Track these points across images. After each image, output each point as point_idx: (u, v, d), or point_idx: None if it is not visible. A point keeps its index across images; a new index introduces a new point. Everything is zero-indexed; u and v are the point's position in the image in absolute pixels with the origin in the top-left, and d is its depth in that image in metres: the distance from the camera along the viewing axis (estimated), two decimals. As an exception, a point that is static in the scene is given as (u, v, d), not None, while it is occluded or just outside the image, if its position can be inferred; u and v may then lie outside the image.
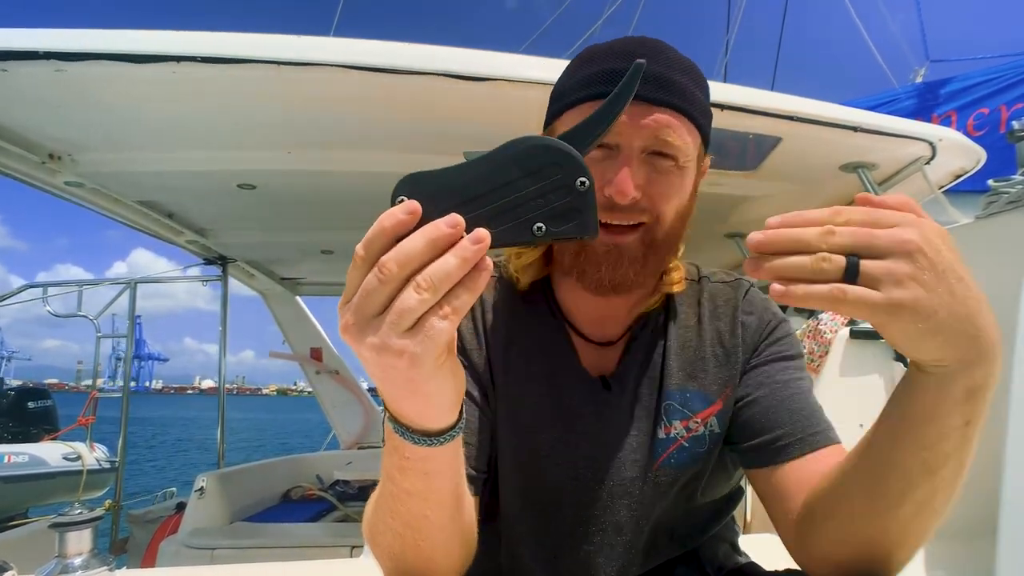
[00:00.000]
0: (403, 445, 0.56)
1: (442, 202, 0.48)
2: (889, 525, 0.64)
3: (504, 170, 0.49)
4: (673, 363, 0.87)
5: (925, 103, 4.96)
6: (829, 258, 0.49)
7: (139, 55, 1.68)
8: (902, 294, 0.49)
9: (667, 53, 0.76)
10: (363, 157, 2.36)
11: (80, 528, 0.84)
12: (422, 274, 0.46)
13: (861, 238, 0.50)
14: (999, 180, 1.79)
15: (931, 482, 0.60)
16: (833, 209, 0.52)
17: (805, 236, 0.50)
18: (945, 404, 0.56)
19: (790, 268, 0.50)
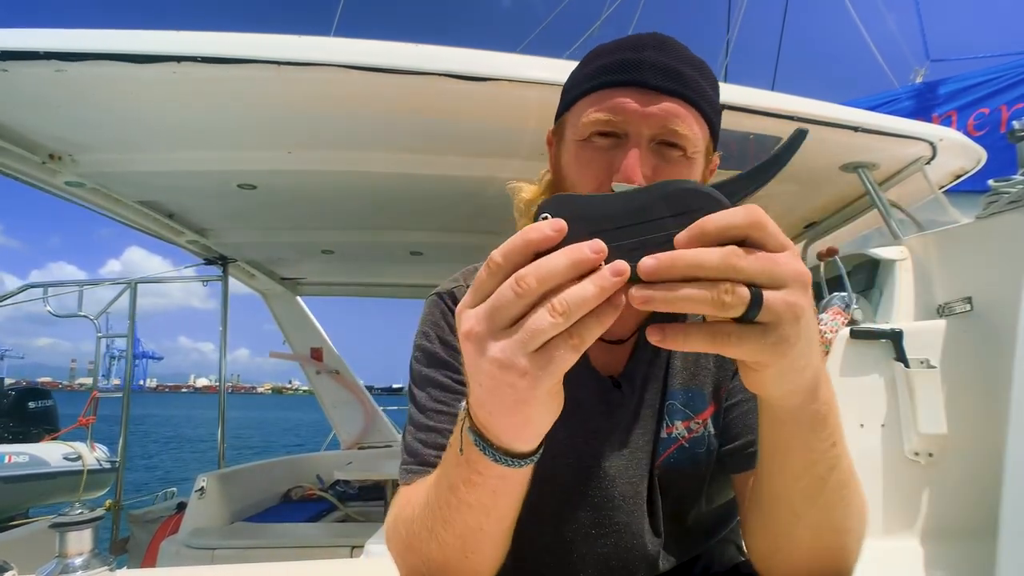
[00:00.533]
0: (480, 460, 0.55)
1: (585, 227, 0.46)
2: (793, 546, 0.66)
3: (652, 207, 0.47)
4: (677, 362, 0.87)
5: (925, 103, 4.95)
6: (733, 289, 0.43)
7: (140, 55, 1.68)
8: (792, 329, 0.45)
9: (677, 48, 0.76)
10: (363, 157, 2.37)
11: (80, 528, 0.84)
12: (559, 297, 0.44)
13: (765, 265, 0.44)
14: (999, 180, 1.79)
15: (815, 505, 0.61)
16: (721, 221, 0.45)
17: (708, 260, 0.43)
18: (801, 433, 0.57)
19: (686, 300, 0.43)
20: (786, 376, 0.50)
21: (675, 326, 0.45)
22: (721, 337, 0.45)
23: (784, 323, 0.45)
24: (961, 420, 1.70)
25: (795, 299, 0.45)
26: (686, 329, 0.45)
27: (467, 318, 0.47)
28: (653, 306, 0.44)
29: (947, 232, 1.98)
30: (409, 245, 3.64)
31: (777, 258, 0.45)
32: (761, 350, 0.45)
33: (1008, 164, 1.91)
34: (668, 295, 0.43)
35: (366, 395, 5.15)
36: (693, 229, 0.44)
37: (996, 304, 1.72)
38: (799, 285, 0.45)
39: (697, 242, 0.44)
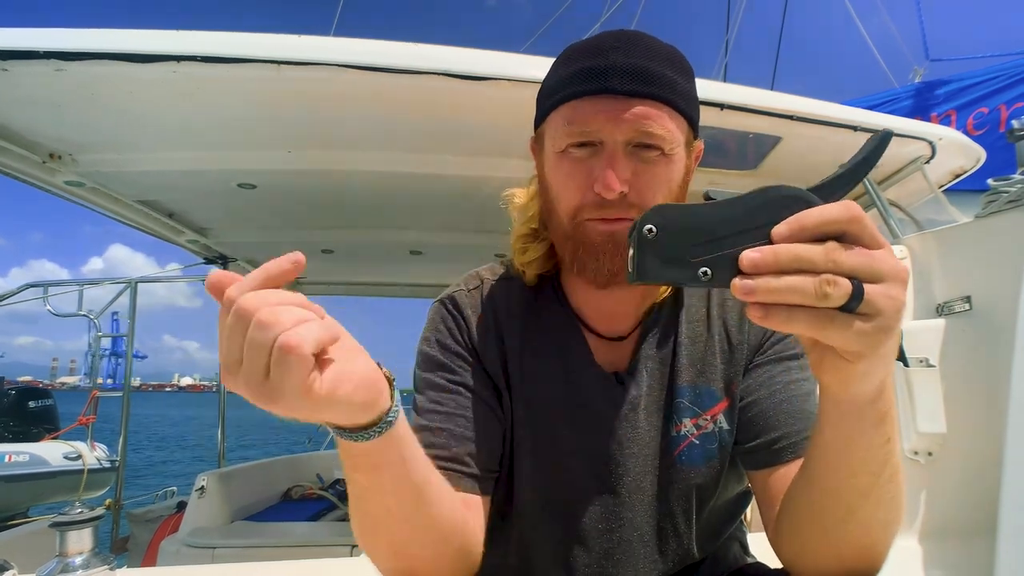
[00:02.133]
0: (343, 443, 0.58)
1: (692, 236, 0.48)
2: (842, 542, 0.67)
3: (752, 214, 0.48)
4: (683, 359, 0.87)
5: (925, 102, 4.95)
6: (835, 281, 0.44)
7: (139, 55, 1.68)
8: (894, 322, 0.47)
9: (644, 44, 0.76)
10: (363, 156, 2.37)
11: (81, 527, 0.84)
12: (256, 315, 0.48)
13: (865, 260, 0.46)
14: (999, 179, 1.79)
15: (868, 501, 0.62)
16: (821, 216, 0.47)
17: (811, 254, 0.45)
18: (865, 430, 0.57)
19: (791, 290, 0.45)
20: (873, 371, 0.51)
21: (779, 307, 0.46)
22: (825, 321, 0.46)
23: (884, 315, 0.46)
24: (960, 419, 1.71)
25: (895, 292, 0.46)
26: (790, 310, 0.45)
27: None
28: (755, 296, 0.45)
29: (946, 231, 1.98)
30: (409, 244, 3.64)
31: (875, 254, 0.47)
32: (859, 340, 0.46)
33: (1007, 163, 1.91)
34: (772, 284, 0.45)
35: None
36: (792, 223, 0.46)
37: (995, 303, 1.72)
38: (898, 280, 0.47)
39: (796, 236, 0.46)
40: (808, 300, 0.45)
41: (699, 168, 0.88)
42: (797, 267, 0.45)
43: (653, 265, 0.49)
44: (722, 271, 0.47)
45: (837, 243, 0.46)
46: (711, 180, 2.37)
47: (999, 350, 1.61)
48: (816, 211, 0.47)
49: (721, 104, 1.90)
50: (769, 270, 0.45)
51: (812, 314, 0.45)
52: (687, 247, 0.48)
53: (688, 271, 0.48)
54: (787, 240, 0.46)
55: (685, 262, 0.48)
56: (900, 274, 0.47)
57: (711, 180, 2.37)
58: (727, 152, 2.17)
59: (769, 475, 0.79)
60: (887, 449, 0.59)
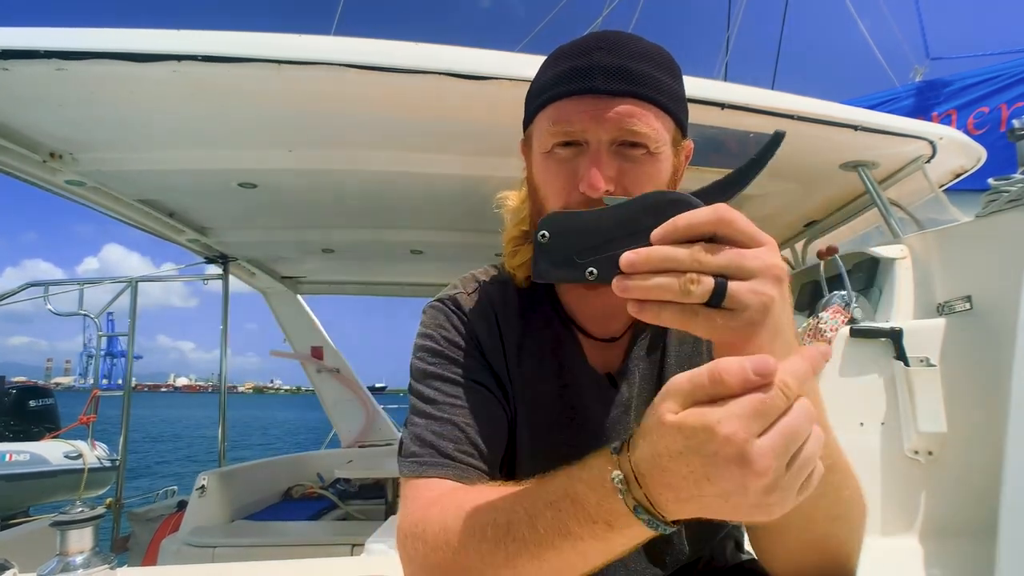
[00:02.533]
0: (628, 522, 0.52)
1: (577, 240, 0.53)
2: (791, 537, 0.68)
3: (638, 217, 0.53)
4: (671, 359, 0.87)
5: (925, 102, 4.95)
6: (697, 280, 0.49)
7: (140, 54, 1.68)
8: (760, 316, 0.50)
9: (628, 44, 0.76)
10: (364, 156, 2.37)
11: (81, 526, 0.84)
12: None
13: (732, 259, 0.50)
14: (999, 179, 1.79)
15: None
16: (690, 220, 0.50)
17: (676, 255, 0.49)
18: None
19: (657, 288, 0.49)
20: None
21: (651, 302, 0.50)
22: (689, 315, 0.50)
23: (750, 310, 0.50)
24: (961, 418, 1.71)
25: (762, 289, 0.50)
26: (660, 305, 0.50)
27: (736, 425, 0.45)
28: (629, 293, 0.50)
29: (947, 231, 1.98)
30: (409, 244, 3.64)
31: (745, 252, 0.50)
32: (725, 332, 0.50)
33: (1008, 163, 1.91)
34: (642, 284, 0.50)
35: (366, 394, 5.15)
36: (666, 226, 0.51)
37: (996, 302, 1.72)
38: (769, 277, 0.50)
39: (670, 239, 0.50)
40: (675, 296, 0.49)
41: (700, 167, 0.88)
42: (667, 267, 0.49)
43: (546, 266, 0.54)
44: (605, 270, 0.52)
45: (706, 244, 0.50)
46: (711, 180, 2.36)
47: (999, 350, 1.61)
48: (686, 215, 0.50)
49: (722, 103, 1.90)
50: (643, 269, 0.50)
51: (679, 309, 0.50)
52: (576, 250, 0.53)
53: (576, 271, 0.53)
54: (662, 242, 0.50)
55: (572, 263, 0.53)
56: (771, 270, 0.50)
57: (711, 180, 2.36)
58: (728, 151, 2.17)
59: None
60: None
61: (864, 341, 1.83)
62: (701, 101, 1.89)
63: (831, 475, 0.62)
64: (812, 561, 0.69)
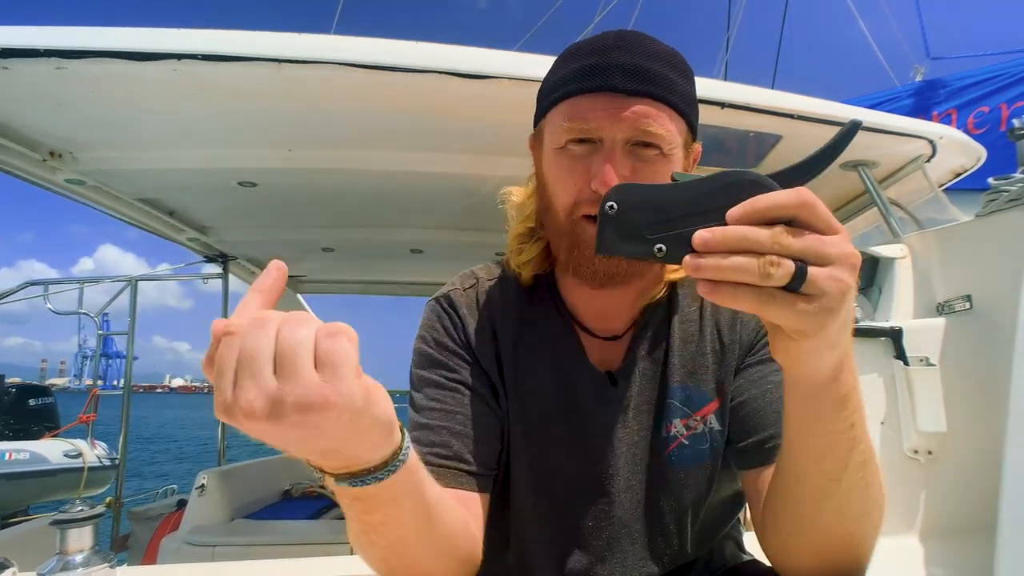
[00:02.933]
0: (359, 492, 0.53)
1: (652, 215, 0.51)
2: (817, 531, 0.67)
3: (712, 196, 0.51)
4: (675, 359, 0.87)
5: (925, 101, 4.94)
6: (778, 262, 0.47)
7: (140, 53, 1.68)
8: (837, 304, 0.48)
9: (645, 44, 0.76)
10: (364, 155, 2.36)
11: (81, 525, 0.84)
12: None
13: (812, 244, 0.48)
14: (999, 178, 1.79)
15: (839, 488, 0.63)
16: (772, 200, 0.49)
17: (758, 236, 0.47)
18: (823, 412, 0.58)
19: (736, 269, 0.47)
20: (820, 351, 0.52)
21: (726, 284, 0.48)
22: (767, 299, 0.48)
23: (828, 297, 0.48)
24: (960, 418, 1.71)
25: (840, 275, 0.48)
26: (735, 288, 0.48)
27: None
28: (703, 273, 0.48)
29: (947, 230, 1.98)
30: (410, 243, 3.64)
31: (824, 238, 0.48)
32: (802, 319, 0.49)
33: (1008, 162, 1.91)
34: (719, 263, 0.47)
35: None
36: (745, 206, 0.49)
37: (996, 302, 1.72)
38: (846, 265, 0.49)
39: (748, 219, 0.48)
40: (752, 279, 0.47)
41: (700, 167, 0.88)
42: (745, 247, 0.47)
43: (612, 240, 0.52)
44: (676, 248, 0.50)
45: (786, 227, 0.48)
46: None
47: (999, 349, 1.61)
48: (769, 196, 0.49)
49: (722, 103, 1.90)
50: (718, 249, 0.48)
51: (756, 292, 0.48)
52: (645, 224, 0.51)
53: (645, 246, 0.51)
54: (739, 222, 0.48)
55: (642, 238, 0.51)
56: (848, 258, 0.49)
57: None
58: (728, 151, 2.17)
59: (759, 475, 0.79)
60: (851, 435, 0.60)
61: (864, 340, 1.83)
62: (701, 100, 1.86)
63: (865, 471, 0.63)
64: (832, 559, 0.68)
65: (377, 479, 0.52)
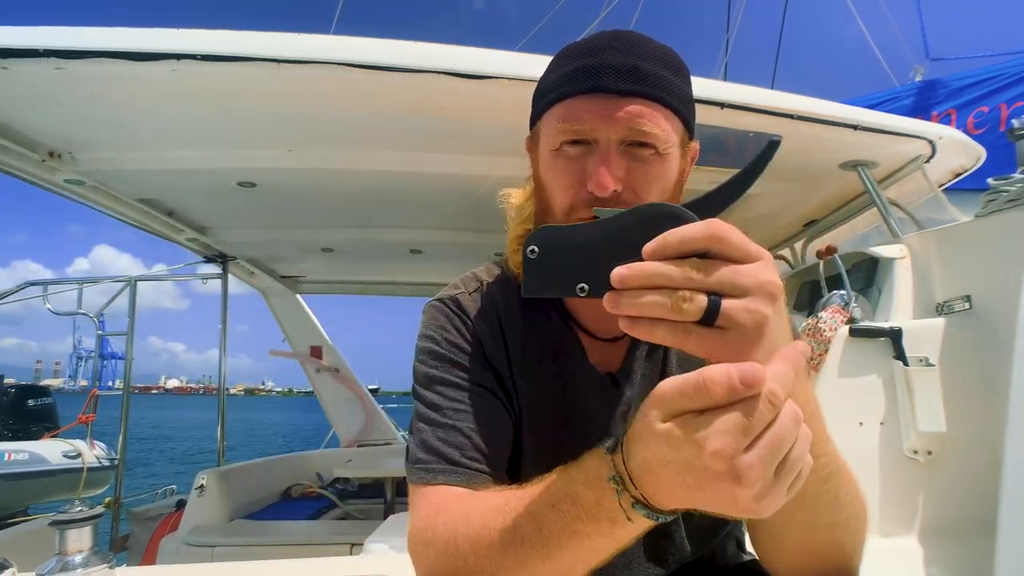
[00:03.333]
0: (629, 517, 0.53)
1: (568, 255, 0.53)
2: (791, 545, 0.68)
3: (629, 231, 0.52)
4: (673, 359, 0.87)
5: (925, 101, 4.95)
6: (690, 298, 0.47)
7: (139, 53, 1.68)
8: (754, 335, 0.48)
9: (639, 44, 0.76)
10: (363, 155, 2.37)
11: (80, 525, 0.84)
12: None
13: (725, 276, 0.48)
14: (999, 178, 1.79)
15: (804, 505, 0.62)
16: (682, 235, 0.49)
17: (668, 272, 0.48)
18: None
19: (649, 305, 0.48)
20: None
21: (642, 319, 0.49)
22: (682, 333, 0.49)
23: (743, 329, 0.48)
24: (960, 418, 1.71)
25: (756, 307, 0.48)
26: (651, 323, 0.49)
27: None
28: (621, 310, 0.49)
29: (946, 230, 1.98)
30: (409, 243, 3.64)
31: (739, 269, 0.49)
32: (718, 350, 0.49)
33: (1007, 162, 1.91)
34: (633, 300, 0.48)
35: (366, 393, 5.15)
36: (657, 242, 0.49)
37: (995, 302, 1.72)
38: (763, 294, 0.49)
39: (661, 254, 0.49)
40: (667, 314, 0.48)
41: (700, 168, 0.88)
42: (658, 283, 0.48)
43: (535, 282, 0.53)
44: (597, 286, 0.51)
45: (698, 260, 0.48)
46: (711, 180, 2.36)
47: (999, 349, 1.61)
48: (678, 230, 0.49)
49: (722, 103, 1.90)
50: (633, 285, 0.48)
51: (672, 327, 0.49)
52: (567, 266, 0.52)
53: (567, 287, 0.52)
54: (653, 257, 0.49)
55: (564, 278, 0.52)
56: (764, 287, 0.49)
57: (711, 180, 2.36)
58: (727, 151, 2.17)
59: None
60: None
61: (863, 341, 1.83)
62: (701, 100, 1.87)
63: (830, 483, 0.63)
64: (814, 566, 0.69)
65: (664, 519, 0.53)
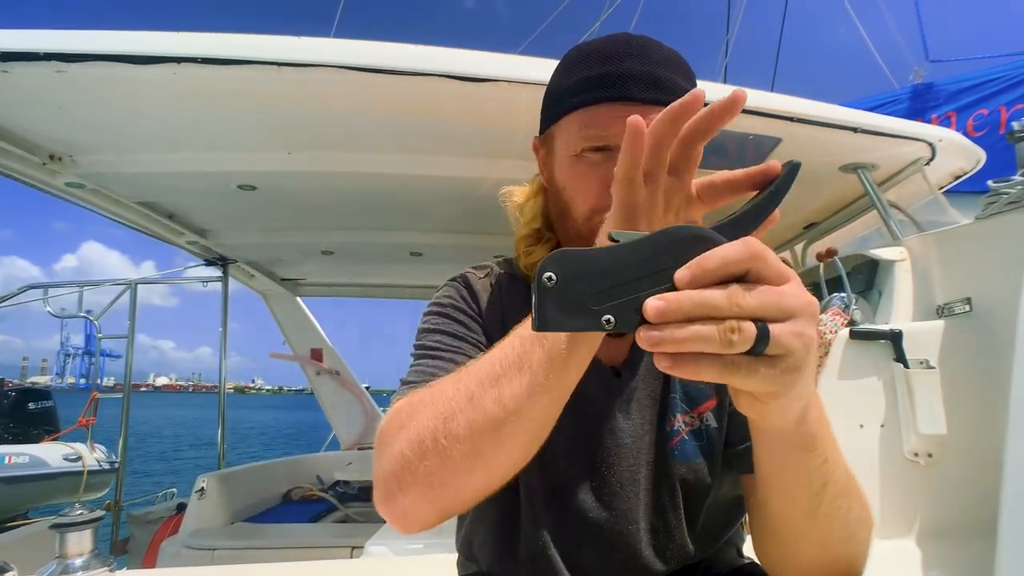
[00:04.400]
0: (578, 349, 0.59)
1: (590, 283, 0.47)
2: (802, 557, 0.68)
3: (655, 257, 0.47)
4: None
5: (925, 104, 4.95)
6: (739, 328, 0.43)
7: (139, 56, 1.68)
8: (803, 360, 0.46)
9: (654, 51, 0.77)
10: (363, 158, 2.37)
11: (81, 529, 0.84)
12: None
13: (770, 299, 0.45)
14: (999, 181, 1.79)
15: (816, 520, 0.63)
16: (721, 257, 0.45)
17: (714, 300, 0.44)
18: (794, 455, 0.58)
19: (697, 339, 0.43)
20: (790, 405, 0.50)
21: (686, 355, 0.44)
22: (731, 368, 0.44)
23: (794, 354, 0.45)
24: (960, 420, 1.71)
25: (803, 329, 0.45)
26: (697, 358, 0.44)
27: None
28: (662, 347, 0.44)
29: (946, 233, 1.98)
30: (409, 246, 3.64)
31: (783, 291, 0.45)
32: (770, 382, 0.45)
33: (1007, 165, 1.91)
34: (676, 334, 0.43)
35: (366, 395, 5.15)
36: (693, 267, 0.45)
37: (995, 305, 1.72)
38: (806, 315, 0.46)
39: (699, 281, 0.45)
40: (715, 348, 0.43)
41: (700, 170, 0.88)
42: (702, 314, 0.44)
43: (554, 314, 0.47)
44: (625, 318, 0.46)
45: (740, 284, 0.45)
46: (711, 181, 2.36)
47: (999, 352, 1.61)
48: (717, 252, 0.45)
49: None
50: (674, 319, 0.44)
51: (719, 361, 0.44)
52: (589, 295, 0.46)
53: (591, 319, 0.46)
54: (689, 285, 0.45)
55: (587, 310, 0.47)
56: (808, 308, 0.46)
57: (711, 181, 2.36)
58: (727, 154, 2.17)
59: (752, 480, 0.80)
60: (825, 469, 0.60)
61: (863, 343, 1.83)
62: (700, 103, 1.89)
63: (843, 499, 0.63)
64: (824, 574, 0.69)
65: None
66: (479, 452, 0.61)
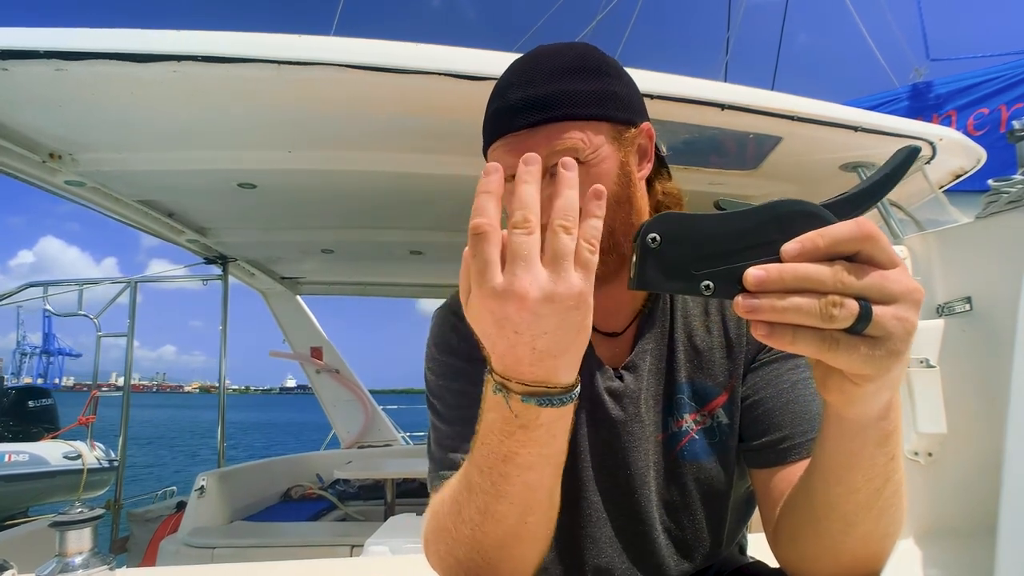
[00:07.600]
0: (538, 413, 0.55)
1: (694, 248, 0.48)
2: (840, 552, 0.67)
3: (762, 228, 0.47)
4: (681, 354, 0.87)
5: (925, 102, 4.95)
6: (841, 302, 0.43)
7: (140, 54, 1.68)
8: (903, 345, 0.45)
9: (540, 66, 0.77)
10: (363, 156, 2.37)
11: (80, 527, 0.84)
12: (555, 214, 0.49)
13: (876, 281, 0.45)
14: (999, 180, 1.78)
15: (869, 515, 0.62)
16: (834, 235, 0.46)
17: (820, 275, 0.44)
18: (867, 448, 0.57)
19: (795, 310, 0.44)
20: (882, 392, 0.50)
21: (784, 326, 0.45)
22: (830, 343, 0.45)
23: (894, 338, 0.45)
24: (960, 420, 1.70)
25: (906, 314, 0.45)
26: (795, 330, 0.45)
27: (483, 282, 0.53)
28: (759, 315, 0.45)
29: (947, 232, 1.98)
30: (409, 244, 3.64)
31: (888, 274, 0.45)
32: (866, 363, 0.45)
33: (1008, 164, 1.91)
34: (776, 304, 0.44)
35: (366, 394, 5.15)
36: (805, 241, 0.46)
37: (996, 304, 1.72)
38: (910, 302, 0.46)
39: (807, 255, 0.45)
40: (813, 321, 0.44)
41: (700, 168, 0.88)
42: (804, 287, 0.44)
43: (654, 275, 0.48)
44: (725, 285, 0.47)
45: (848, 263, 0.45)
46: (711, 181, 2.36)
47: (999, 351, 1.61)
48: (829, 230, 0.46)
49: (722, 104, 1.90)
50: (775, 288, 0.45)
51: (818, 335, 0.45)
52: (690, 258, 0.47)
53: (690, 283, 0.47)
54: (797, 259, 0.45)
55: (687, 274, 0.47)
56: (913, 294, 0.46)
57: (711, 181, 2.36)
58: (728, 152, 2.17)
59: (772, 475, 0.79)
60: (891, 467, 0.59)
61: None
62: (701, 102, 1.89)
63: (897, 497, 0.63)
64: (850, 573, 0.68)
65: (562, 401, 0.54)
66: (508, 557, 0.68)
